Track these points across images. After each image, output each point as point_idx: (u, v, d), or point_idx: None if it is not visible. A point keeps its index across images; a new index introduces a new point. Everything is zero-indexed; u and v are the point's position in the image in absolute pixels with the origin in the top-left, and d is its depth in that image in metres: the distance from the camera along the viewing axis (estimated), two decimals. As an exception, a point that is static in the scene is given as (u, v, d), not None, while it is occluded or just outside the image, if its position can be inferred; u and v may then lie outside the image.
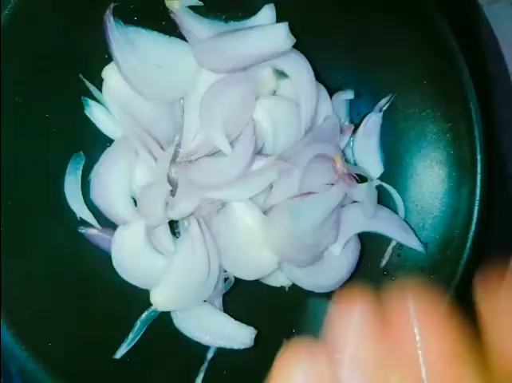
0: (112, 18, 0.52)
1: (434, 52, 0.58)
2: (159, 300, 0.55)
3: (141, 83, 0.54)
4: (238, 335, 0.57)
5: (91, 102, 0.56)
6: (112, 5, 0.52)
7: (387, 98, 0.61)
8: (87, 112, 0.56)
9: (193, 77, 0.55)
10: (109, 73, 0.54)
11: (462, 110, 0.58)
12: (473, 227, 0.58)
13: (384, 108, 0.61)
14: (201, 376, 0.57)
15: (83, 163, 0.56)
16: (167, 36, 0.55)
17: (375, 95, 0.61)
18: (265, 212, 0.57)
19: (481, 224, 0.58)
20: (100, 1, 0.52)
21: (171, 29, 0.55)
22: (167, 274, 0.55)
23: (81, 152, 0.56)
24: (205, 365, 0.57)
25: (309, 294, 0.58)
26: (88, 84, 0.55)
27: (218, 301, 0.58)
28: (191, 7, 0.55)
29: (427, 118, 0.60)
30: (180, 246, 0.55)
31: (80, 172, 0.56)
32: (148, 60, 0.54)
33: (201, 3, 0.55)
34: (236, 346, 0.57)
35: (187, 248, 0.55)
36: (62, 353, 0.53)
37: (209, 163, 0.55)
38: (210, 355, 0.57)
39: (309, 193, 0.57)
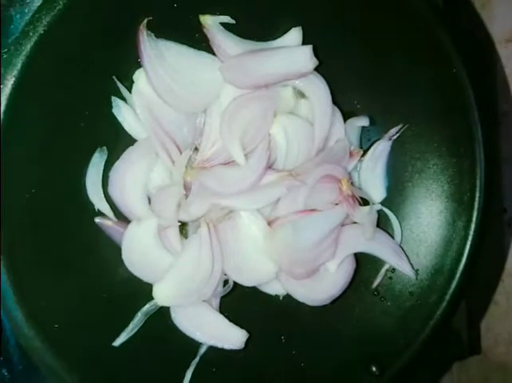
0: (145, 33, 0.54)
1: (446, 89, 0.60)
2: (161, 295, 0.57)
3: (168, 94, 0.56)
4: (230, 336, 0.59)
5: (119, 102, 0.57)
6: (145, 21, 0.54)
7: (397, 128, 0.62)
8: (114, 111, 0.57)
9: (217, 90, 0.57)
10: (140, 76, 0.56)
11: (468, 149, 0.59)
12: (463, 260, 0.60)
13: (394, 137, 0.62)
14: (191, 369, 0.59)
15: (105, 157, 0.58)
16: (196, 49, 0.57)
17: (386, 123, 0.63)
18: (269, 223, 0.59)
19: (471, 258, 0.60)
20: (138, 12, 0.54)
21: (202, 41, 0.57)
22: (172, 272, 0.57)
23: (105, 147, 0.58)
24: (196, 359, 0.59)
25: (301, 305, 0.61)
26: (119, 84, 0.57)
27: (216, 302, 0.60)
28: (224, 24, 0.57)
29: (433, 152, 0.62)
30: (188, 247, 0.58)
31: (102, 166, 0.57)
32: (176, 72, 0.56)
33: (233, 21, 0.57)
34: (227, 346, 0.58)
35: (194, 249, 0.57)
36: (65, 335, 0.55)
37: (223, 171, 0.57)
38: (202, 350, 0.59)
39: (313, 210, 0.59)
